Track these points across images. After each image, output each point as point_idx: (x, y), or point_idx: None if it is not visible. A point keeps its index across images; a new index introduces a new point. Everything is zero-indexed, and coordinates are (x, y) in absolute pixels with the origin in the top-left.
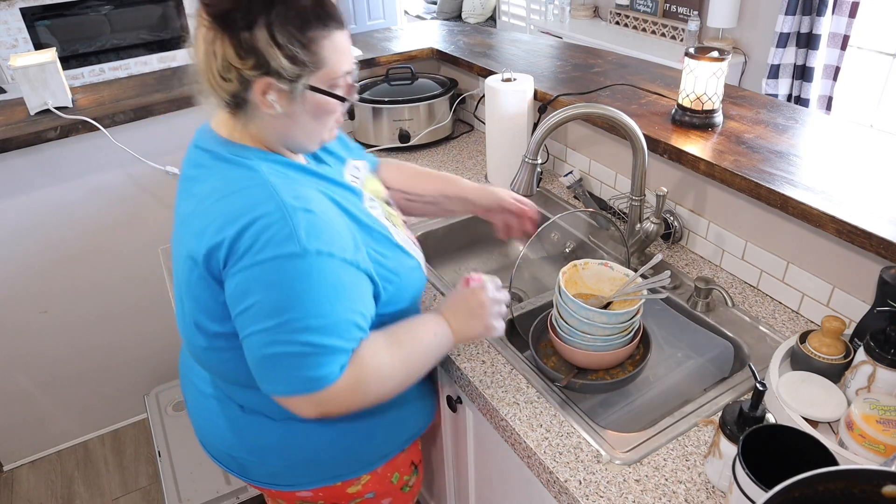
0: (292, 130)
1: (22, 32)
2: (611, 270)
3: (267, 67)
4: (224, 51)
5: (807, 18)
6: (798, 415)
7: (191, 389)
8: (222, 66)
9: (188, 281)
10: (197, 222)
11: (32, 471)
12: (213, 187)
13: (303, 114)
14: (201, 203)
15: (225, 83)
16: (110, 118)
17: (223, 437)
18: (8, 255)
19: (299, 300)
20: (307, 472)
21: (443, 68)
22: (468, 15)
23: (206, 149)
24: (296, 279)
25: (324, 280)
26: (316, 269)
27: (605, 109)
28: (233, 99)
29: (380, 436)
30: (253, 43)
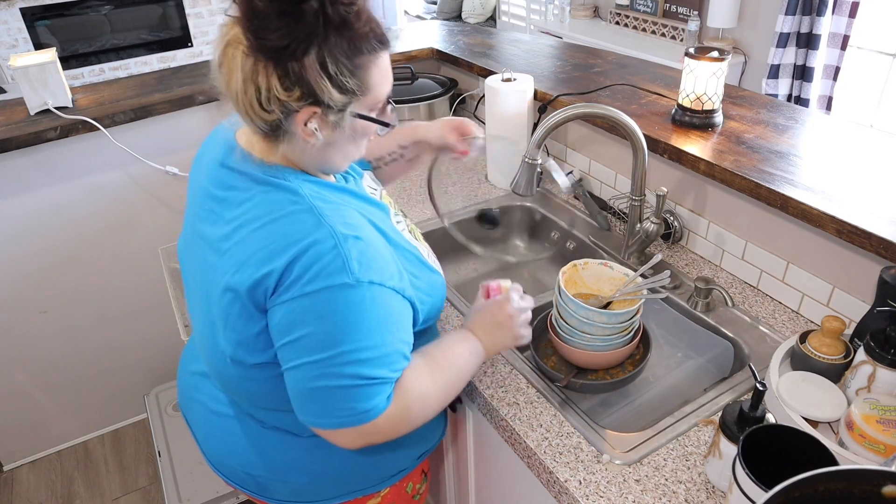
0: (331, 156)
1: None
2: (611, 270)
3: (314, 97)
4: (268, 81)
5: (807, 18)
6: (798, 415)
7: (199, 409)
8: (265, 98)
9: (226, 314)
10: (238, 251)
11: (32, 471)
12: (255, 214)
13: (341, 140)
14: (239, 230)
15: (265, 113)
16: (110, 118)
17: (240, 456)
18: (8, 255)
19: (351, 332)
20: (331, 488)
21: (443, 68)
22: (468, 15)
23: (238, 170)
24: (349, 310)
25: (375, 310)
26: (368, 300)
27: (605, 109)
28: (271, 128)
29: (402, 450)
30: (301, 73)
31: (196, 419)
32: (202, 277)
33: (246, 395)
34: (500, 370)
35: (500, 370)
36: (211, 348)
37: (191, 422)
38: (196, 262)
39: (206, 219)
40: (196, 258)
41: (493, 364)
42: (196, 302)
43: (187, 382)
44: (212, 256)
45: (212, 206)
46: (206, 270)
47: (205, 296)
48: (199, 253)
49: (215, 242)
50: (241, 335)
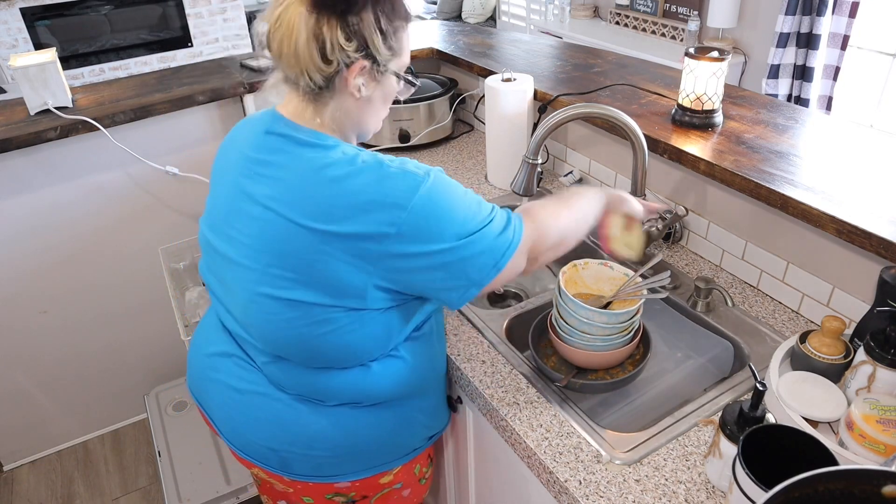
0: (366, 114)
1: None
2: (611, 270)
3: (366, 50)
4: (332, 33)
5: (807, 18)
6: (798, 415)
7: (218, 388)
8: (329, 48)
9: (304, 258)
10: (313, 202)
11: (32, 471)
12: (309, 168)
13: (378, 98)
14: (306, 184)
15: (325, 66)
16: (110, 118)
17: (265, 432)
18: (8, 255)
19: (453, 211)
20: (352, 462)
21: (443, 68)
22: (468, 15)
23: (283, 134)
24: (441, 199)
25: (452, 187)
26: (445, 182)
27: (605, 109)
28: (325, 82)
29: (415, 428)
30: (359, 27)
31: (214, 399)
32: (261, 233)
33: (299, 345)
34: (500, 370)
35: (500, 370)
36: (267, 301)
37: (207, 402)
38: (246, 223)
39: (253, 181)
40: (246, 220)
41: (493, 364)
42: (242, 263)
43: (204, 364)
44: (269, 213)
45: (257, 168)
46: (267, 226)
47: (266, 251)
48: (248, 214)
49: (267, 199)
50: (324, 278)
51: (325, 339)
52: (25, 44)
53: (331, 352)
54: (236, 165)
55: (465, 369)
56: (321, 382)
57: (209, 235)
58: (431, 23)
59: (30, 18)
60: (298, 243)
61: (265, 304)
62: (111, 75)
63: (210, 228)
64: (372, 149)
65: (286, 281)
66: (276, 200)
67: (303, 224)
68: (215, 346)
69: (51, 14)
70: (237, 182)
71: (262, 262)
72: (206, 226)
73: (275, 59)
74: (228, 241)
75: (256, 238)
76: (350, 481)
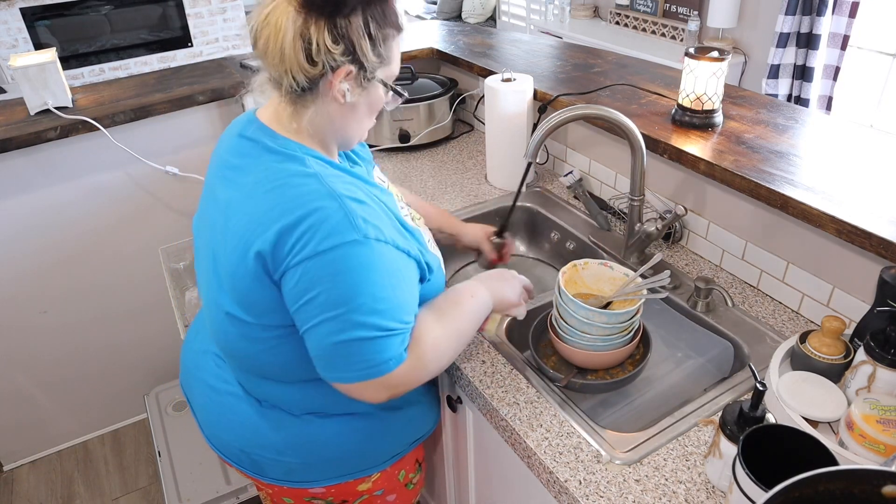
0: (348, 122)
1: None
2: (611, 270)
3: (353, 56)
4: (318, 35)
5: (807, 18)
6: (798, 415)
7: (200, 387)
8: (315, 50)
9: (233, 272)
10: (247, 213)
11: (32, 471)
12: (263, 177)
13: (363, 106)
14: (251, 194)
15: (310, 67)
16: (110, 118)
17: (237, 434)
18: (8, 255)
19: (364, 285)
20: (322, 469)
21: (443, 68)
22: (468, 15)
23: (252, 138)
24: (360, 265)
25: (384, 265)
26: (377, 255)
27: (603, 111)
28: (309, 84)
29: (392, 435)
30: (347, 30)
31: (197, 396)
32: (211, 238)
33: (244, 359)
34: (500, 370)
35: (500, 370)
36: (215, 310)
37: (191, 399)
38: (206, 226)
39: (222, 184)
40: (207, 222)
41: (493, 364)
42: (204, 266)
43: (191, 360)
44: (221, 218)
45: (227, 172)
46: (216, 231)
47: (212, 256)
48: (211, 216)
49: (225, 205)
50: (244, 294)
51: (261, 356)
52: (25, 44)
53: (271, 367)
54: (215, 168)
55: (465, 369)
56: (283, 394)
57: (196, 236)
58: (431, 23)
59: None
60: (231, 253)
61: (218, 314)
62: (111, 75)
63: (196, 230)
64: (372, 149)
65: (225, 293)
66: (229, 207)
67: (238, 235)
68: (202, 343)
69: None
70: (212, 186)
71: (216, 270)
72: (195, 225)
73: (260, 57)
74: (204, 245)
75: (216, 244)
76: (325, 486)
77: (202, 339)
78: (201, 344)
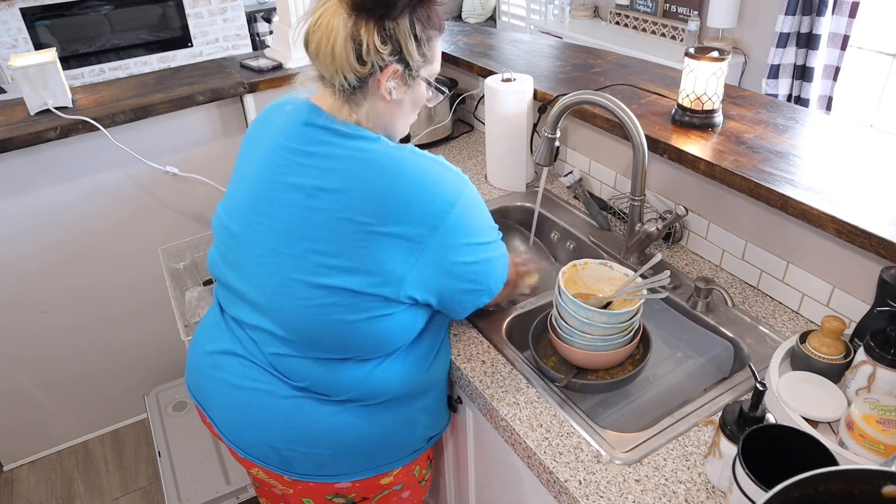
0: (395, 117)
1: (22, 32)
2: (611, 270)
3: (400, 55)
4: (369, 36)
5: (807, 18)
6: (798, 415)
7: (220, 387)
8: (365, 50)
9: (351, 248)
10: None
11: (32, 471)
12: (357, 158)
13: (407, 102)
14: (356, 175)
15: (360, 67)
16: (110, 118)
17: (265, 430)
18: (8, 255)
19: (485, 213)
20: (352, 462)
21: (443, 68)
22: (468, 15)
23: (325, 127)
24: (478, 202)
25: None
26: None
27: (617, 104)
28: (359, 82)
29: (417, 428)
30: (395, 32)
31: (215, 397)
32: (302, 221)
33: (331, 331)
34: (500, 370)
35: (500, 370)
36: (301, 287)
37: (207, 401)
38: (284, 211)
39: (294, 172)
40: (282, 208)
41: (493, 364)
42: (276, 249)
43: (204, 362)
44: (316, 202)
45: (298, 159)
46: (311, 214)
47: (307, 237)
48: (289, 202)
49: (313, 189)
50: (367, 266)
51: (357, 326)
52: (25, 44)
53: (360, 339)
54: (271, 155)
55: (465, 369)
56: (332, 375)
57: (228, 222)
58: None
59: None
60: (345, 233)
61: (299, 289)
62: (111, 75)
63: (229, 215)
64: None
65: (326, 268)
66: (323, 191)
67: (352, 218)
68: (218, 343)
69: (51, 14)
70: (274, 171)
71: (299, 249)
72: (225, 213)
73: (312, 57)
74: (256, 229)
75: (296, 225)
76: (350, 482)
77: (217, 340)
78: (216, 345)
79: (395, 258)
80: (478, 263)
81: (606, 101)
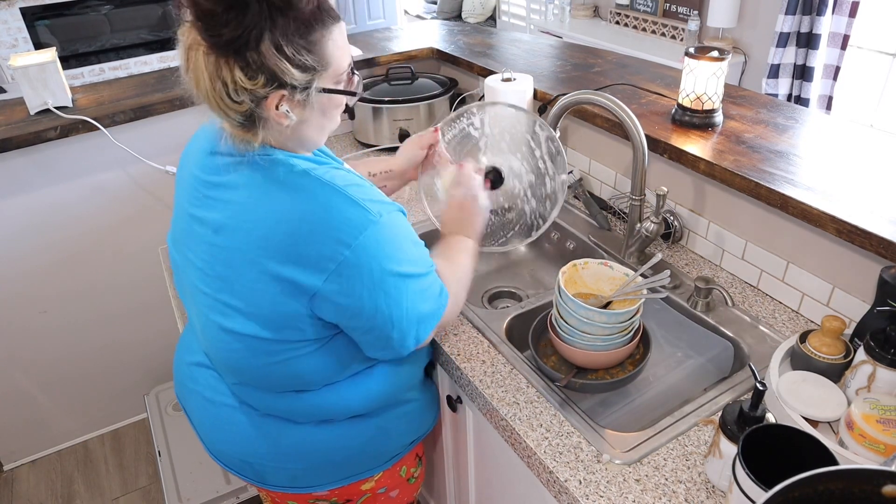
0: (306, 132)
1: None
2: (610, 270)
3: (278, 81)
4: (232, 74)
5: (807, 18)
6: (798, 415)
7: (195, 399)
8: (232, 90)
9: (248, 293)
10: (252, 231)
11: (32, 471)
12: (254, 191)
13: (314, 116)
14: (249, 210)
15: (236, 105)
16: (110, 118)
17: (237, 445)
18: (8, 255)
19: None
20: (326, 474)
21: (443, 68)
22: (468, 15)
23: (227, 154)
24: (387, 241)
25: (404, 230)
26: (397, 226)
27: (618, 104)
28: (245, 118)
29: (394, 436)
30: (261, 60)
31: (193, 409)
32: (210, 259)
33: (249, 373)
34: (500, 370)
35: (500, 370)
36: (210, 328)
37: (188, 411)
38: (197, 247)
39: (203, 205)
40: (196, 243)
41: (493, 364)
42: (190, 285)
43: (184, 373)
44: (213, 239)
45: (206, 192)
46: (216, 252)
47: (215, 277)
48: (194, 237)
49: (217, 226)
50: (263, 312)
51: (272, 369)
52: (25, 44)
53: (281, 380)
54: (188, 186)
55: (465, 369)
56: (286, 404)
57: (173, 254)
58: (431, 23)
59: (30, 18)
60: (242, 273)
61: (215, 331)
62: (111, 75)
63: (174, 247)
64: (371, 149)
65: (229, 309)
66: (223, 226)
67: (248, 257)
68: (193, 355)
69: (51, 14)
70: (190, 203)
71: (211, 288)
72: (170, 243)
73: (194, 96)
74: (186, 263)
75: (207, 263)
76: (328, 490)
77: (193, 352)
78: (192, 356)
79: (290, 303)
80: (379, 312)
81: (606, 101)
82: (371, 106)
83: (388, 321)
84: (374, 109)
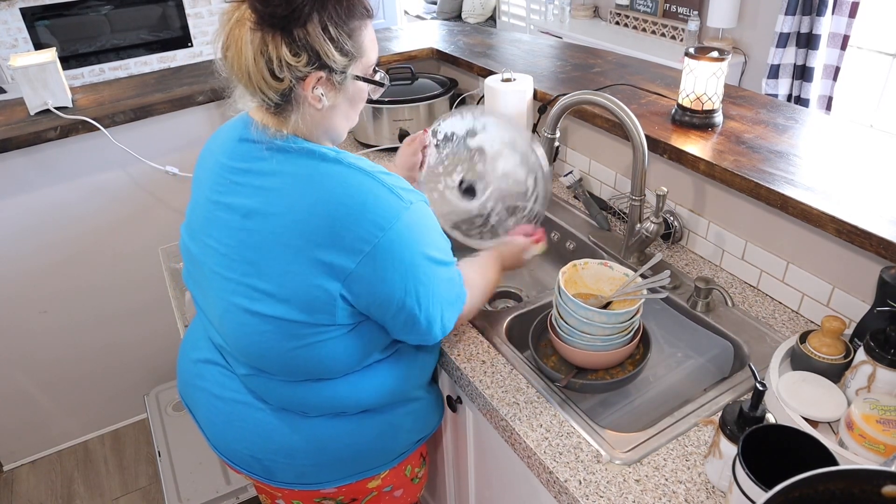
0: (334, 120)
1: (22, 32)
2: (610, 270)
3: (320, 61)
4: (278, 51)
5: (807, 18)
6: (798, 415)
7: (203, 396)
8: (276, 66)
9: (281, 275)
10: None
11: (32, 471)
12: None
13: (343, 104)
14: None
15: (277, 83)
16: (110, 118)
17: (247, 441)
18: (8, 255)
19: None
20: (335, 470)
21: (443, 68)
22: (468, 15)
23: (257, 140)
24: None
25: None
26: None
27: (618, 105)
28: (281, 98)
29: (402, 433)
30: (306, 39)
31: (199, 406)
32: (237, 244)
33: (275, 358)
34: (500, 370)
35: (500, 370)
36: (239, 313)
37: (193, 409)
38: (221, 233)
39: (230, 191)
40: (220, 229)
41: (493, 364)
42: (218, 272)
43: (189, 370)
44: (250, 223)
45: (234, 178)
46: (245, 237)
47: (242, 261)
48: (225, 223)
49: (246, 211)
50: (297, 294)
51: (298, 353)
52: (25, 44)
53: (305, 365)
54: (212, 173)
55: (465, 369)
56: (301, 395)
57: (189, 243)
58: (431, 23)
59: (30, 18)
60: (276, 257)
61: (239, 315)
62: (111, 75)
63: (190, 236)
64: (371, 149)
65: (258, 293)
66: (255, 211)
67: (282, 241)
68: (200, 352)
69: (51, 14)
70: (213, 190)
71: (237, 272)
72: (186, 233)
73: (230, 75)
74: (205, 250)
75: (233, 248)
76: (336, 487)
77: (200, 349)
78: (199, 353)
79: (324, 286)
80: (409, 295)
81: (606, 101)
82: (371, 106)
83: (416, 304)
84: (374, 110)
